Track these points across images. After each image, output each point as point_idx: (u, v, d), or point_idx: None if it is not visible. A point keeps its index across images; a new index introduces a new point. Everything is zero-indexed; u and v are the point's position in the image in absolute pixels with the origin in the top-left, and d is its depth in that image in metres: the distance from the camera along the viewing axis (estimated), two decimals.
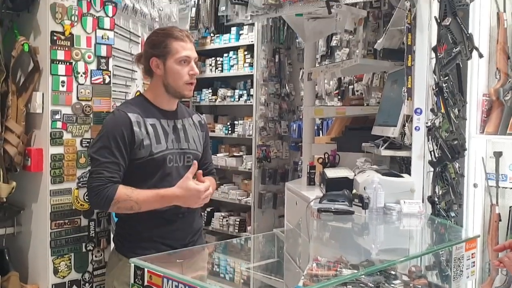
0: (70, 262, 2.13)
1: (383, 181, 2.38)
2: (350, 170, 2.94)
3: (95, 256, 2.21)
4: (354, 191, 2.50)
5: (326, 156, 3.14)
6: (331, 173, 2.85)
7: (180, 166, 2.05)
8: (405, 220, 2.36)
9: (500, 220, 3.28)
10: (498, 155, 3.31)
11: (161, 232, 2.01)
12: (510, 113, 3.17)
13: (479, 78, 3.32)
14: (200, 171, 2.03)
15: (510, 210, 3.24)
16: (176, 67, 2.00)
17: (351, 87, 4.18)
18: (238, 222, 4.75)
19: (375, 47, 2.67)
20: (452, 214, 2.60)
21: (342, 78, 4.22)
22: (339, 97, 4.23)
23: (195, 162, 2.02)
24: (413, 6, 2.42)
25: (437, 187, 2.64)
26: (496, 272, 2.73)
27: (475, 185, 3.19)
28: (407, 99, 2.46)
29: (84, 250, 2.18)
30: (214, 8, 3.31)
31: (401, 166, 3.00)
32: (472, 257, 1.94)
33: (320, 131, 4.28)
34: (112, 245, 2.15)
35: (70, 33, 2.09)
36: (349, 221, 2.38)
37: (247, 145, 4.85)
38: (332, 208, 2.39)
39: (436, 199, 2.53)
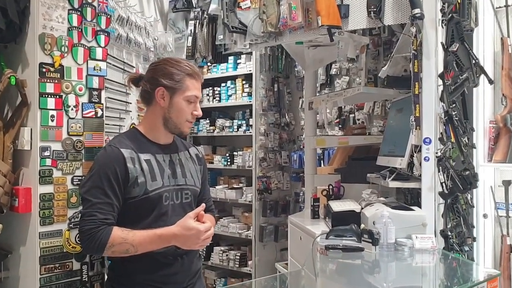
0: None
1: (393, 215, 2.26)
2: (356, 203, 2.81)
3: None
4: (362, 225, 2.36)
5: (330, 188, 3.01)
6: (336, 206, 2.72)
7: (177, 203, 1.93)
8: (418, 257, 2.22)
9: (511, 251, 3.15)
10: (507, 183, 3.20)
11: (157, 276, 1.87)
12: None
13: (485, 105, 3.24)
14: (202, 209, 1.88)
15: None
16: (183, 104, 1.90)
17: (352, 115, 4.09)
18: (238, 257, 4.58)
19: (379, 75, 2.58)
20: (466, 248, 2.47)
21: (343, 106, 4.13)
22: (340, 126, 4.13)
23: (204, 204, 1.89)
24: (419, 32, 2.33)
25: (448, 219, 2.52)
26: None
27: (485, 216, 3.07)
28: (415, 129, 2.35)
29: None
30: (211, 36, 3.23)
31: (407, 197, 2.88)
32: None
33: (322, 161, 4.16)
34: None
35: (60, 65, 1.98)
36: (358, 258, 2.25)
37: (246, 176, 4.71)
38: (341, 245, 2.26)
39: (449, 233, 2.39)
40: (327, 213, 2.90)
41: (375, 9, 2.39)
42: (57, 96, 1.98)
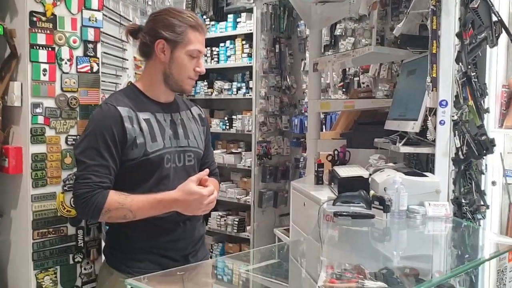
0: (56, 277, 1.87)
1: (406, 181, 2.14)
2: (363, 168, 2.70)
3: (84, 269, 1.95)
4: (372, 192, 2.25)
5: (335, 153, 2.89)
6: (343, 171, 2.61)
7: (180, 166, 1.80)
8: (431, 225, 2.12)
9: None
10: None
11: (158, 242, 1.76)
12: None
13: (498, 68, 3.10)
14: (205, 174, 1.74)
15: None
16: (184, 58, 1.75)
17: (356, 79, 3.94)
18: (237, 222, 4.50)
19: (394, 32, 2.42)
20: (479, 216, 2.38)
21: (347, 69, 3.97)
22: (344, 89, 3.98)
23: (207, 170, 1.76)
24: None
25: (460, 186, 2.42)
26: None
27: (493, 183, 2.96)
28: (432, 90, 2.22)
29: (71, 262, 1.91)
30: None
31: (412, 164, 2.77)
32: None
33: (324, 126, 4.02)
34: (103, 256, 1.89)
35: (52, 14, 1.81)
36: (368, 226, 2.14)
37: (246, 141, 4.59)
38: (350, 211, 2.15)
39: (463, 201, 2.29)
40: (332, 179, 2.79)
41: None
42: (50, 48, 1.81)
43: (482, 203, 2.41)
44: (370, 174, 2.48)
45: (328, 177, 2.87)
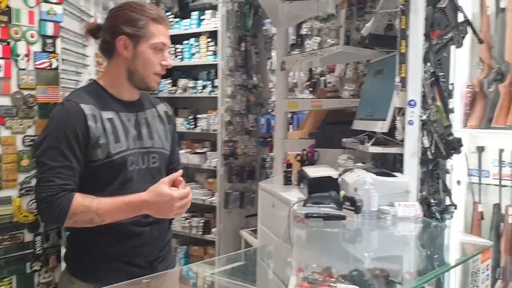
0: (12, 287, 1.75)
1: (376, 182, 2.13)
2: (332, 168, 2.68)
3: (43, 278, 1.84)
4: (342, 192, 2.23)
5: (304, 153, 2.86)
6: (312, 171, 2.57)
7: (144, 169, 1.71)
8: (401, 225, 2.11)
9: (482, 219, 3.12)
10: (480, 150, 3.14)
11: (123, 248, 1.67)
12: (494, 105, 3.00)
13: (461, 69, 3.14)
14: (179, 175, 1.65)
15: (493, 208, 3.09)
16: (149, 53, 1.67)
17: (322, 78, 3.92)
18: (202, 224, 4.41)
19: (362, 31, 2.41)
20: (447, 216, 2.39)
21: (313, 69, 3.96)
22: (311, 89, 3.96)
23: (181, 171, 1.68)
24: None
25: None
26: None
27: (458, 182, 3.01)
28: (401, 90, 2.21)
29: (28, 271, 1.80)
30: None
31: (378, 163, 2.76)
32: (487, 269, 1.71)
33: (290, 126, 3.99)
34: (64, 264, 1.79)
35: (7, 6, 1.69)
36: (338, 227, 2.11)
37: (211, 140, 4.51)
38: (322, 213, 2.11)
39: (432, 201, 2.30)
40: (301, 179, 2.75)
41: None
42: (4, 43, 1.70)
43: (450, 203, 2.42)
44: (340, 174, 2.46)
45: (296, 177, 2.83)
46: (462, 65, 3.12)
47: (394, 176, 2.24)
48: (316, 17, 3.82)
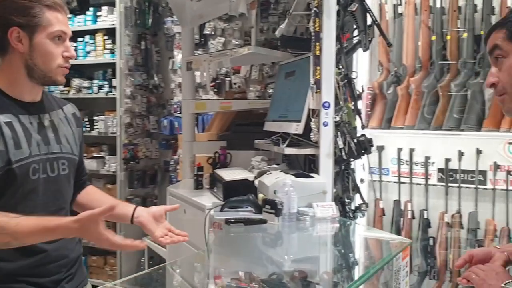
0: None
1: (296, 183, 2.13)
2: (246, 171, 2.64)
3: None
4: (260, 195, 2.20)
5: (216, 156, 2.80)
6: (226, 174, 2.52)
7: (52, 177, 1.53)
8: (319, 226, 2.13)
9: (384, 215, 3.29)
10: (380, 149, 3.31)
11: (24, 267, 1.47)
12: (393, 107, 3.18)
13: (363, 71, 3.28)
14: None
15: (393, 204, 3.26)
16: (48, 44, 1.47)
17: (228, 79, 3.88)
18: None
19: (276, 33, 2.40)
20: (360, 214, 2.47)
21: (218, 69, 3.90)
22: (216, 90, 3.90)
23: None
24: None
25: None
26: None
27: (361, 181, 3.13)
28: (316, 92, 2.23)
29: None
30: None
31: (290, 164, 2.79)
32: (406, 266, 1.77)
33: (196, 127, 3.90)
34: None
35: None
36: (258, 231, 2.08)
37: (109, 144, 4.26)
38: (243, 217, 2.07)
39: (346, 200, 2.35)
40: (213, 182, 2.69)
41: None
42: None
43: (361, 201, 2.50)
44: (255, 177, 2.43)
45: (208, 181, 2.76)
46: (362, 68, 3.27)
47: (311, 177, 2.26)
48: (219, 17, 3.77)
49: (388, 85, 3.19)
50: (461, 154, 2.99)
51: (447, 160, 3.05)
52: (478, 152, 2.95)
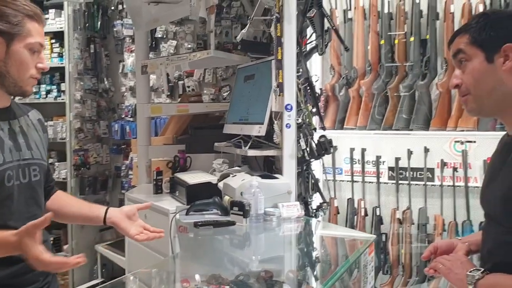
0: None
1: (262, 185, 2.17)
2: (208, 174, 2.66)
3: None
4: (226, 197, 2.22)
5: (176, 160, 2.79)
6: (189, 178, 2.52)
7: (24, 183, 1.50)
8: (286, 225, 2.18)
9: (338, 213, 3.39)
10: (334, 149, 3.41)
11: (6, 276, 1.45)
12: (345, 108, 3.29)
13: (316, 74, 3.37)
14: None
15: (347, 202, 3.37)
16: (24, 53, 1.45)
17: (181, 83, 3.87)
18: (51, 241, 4.02)
19: (237, 38, 2.43)
20: (321, 213, 2.54)
21: (172, 73, 3.88)
22: (169, 93, 3.88)
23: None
24: None
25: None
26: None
27: (317, 180, 3.21)
28: (279, 95, 2.28)
29: None
30: None
31: (250, 166, 2.83)
32: (372, 261, 1.85)
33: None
34: None
35: None
36: (227, 233, 2.10)
37: (59, 150, 4.12)
38: (211, 220, 2.08)
39: (309, 199, 2.42)
40: (174, 186, 2.68)
41: None
42: None
43: (322, 200, 2.58)
44: (219, 179, 2.45)
45: (168, 185, 2.75)
46: (316, 71, 3.36)
47: (276, 178, 2.31)
48: (171, 21, 3.76)
49: (340, 87, 3.29)
50: (410, 152, 3.13)
51: (397, 159, 3.19)
52: (426, 150, 3.10)
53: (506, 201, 1.27)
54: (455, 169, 3.04)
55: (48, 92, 4.07)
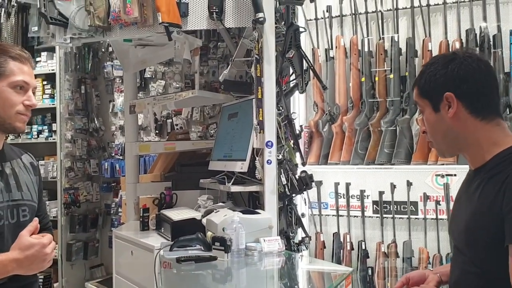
0: None
1: (243, 220, 2.22)
2: (193, 210, 2.71)
3: None
4: (209, 233, 2.27)
5: (162, 197, 2.84)
6: (174, 214, 2.57)
7: (13, 223, 1.57)
8: (267, 260, 2.22)
9: (325, 247, 3.42)
10: (319, 184, 3.48)
11: None
12: (329, 144, 3.37)
13: (300, 111, 3.47)
14: (36, 224, 1.55)
15: (333, 236, 3.41)
16: (8, 91, 1.55)
17: (169, 121, 3.96)
18: (41, 280, 4.01)
19: (220, 78, 2.53)
20: (303, 247, 2.58)
21: (160, 112, 3.97)
22: (157, 131, 3.96)
23: (36, 218, 1.57)
24: (260, 37, 2.35)
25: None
26: None
27: (302, 215, 3.26)
28: (260, 132, 2.36)
29: None
30: (21, 27, 2.75)
31: (234, 201, 2.88)
32: None
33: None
34: None
35: None
36: (209, 268, 2.14)
37: (50, 189, 4.16)
38: (193, 256, 2.12)
39: (291, 234, 2.47)
40: (160, 223, 2.72)
41: (216, 10, 2.34)
42: None
43: (304, 235, 2.62)
44: (203, 215, 2.50)
45: (154, 221, 2.79)
46: (299, 108, 3.46)
47: (258, 213, 2.36)
48: (160, 62, 3.88)
49: (323, 123, 3.38)
50: (393, 186, 3.20)
51: (381, 193, 3.25)
52: (409, 184, 3.17)
53: (466, 231, 1.33)
54: (437, 202, 3.10)
55: (39, 132, 4.15)
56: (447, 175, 3.05)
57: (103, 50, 4.25)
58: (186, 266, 2.10)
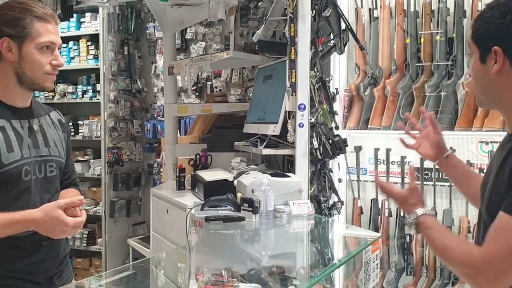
0: None
1: (272, 182, 2.20)
2: (226, 171, 2.72)
3: None
4: (239, 194, 2.27)
5: (197, 157, 2.87)
6: (207, 175, 2.59)
7: (40, 178, 1.62)
8: (296, 223, 2.21)
9: (362, 213, 3.37)
10: (358, 149, 3.39)
11: (20, 265, 1.57)
12: (370, 108, 3.26)
13: (340, 74, 3.37)
14: (78, 201, 1.54)
15: (371, 203, 3.35)
16: (36, 54, 1.56)
17: (209, 83, 3.95)
18: (86, 235, 4.21)
19: (253, 38, 2.48)
20: (335, 212, 2.55)
21: (199, 74, 3.97)
22: (197, 94, 3.97)
23: (82, 197, 1.57)
24: None
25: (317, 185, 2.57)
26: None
27: (339, 180, 3.22)
28: (292, 95, 2.31)
29: None
30: None
31: (269, 165, 2.86)
32: (376, 259, 1.86)
33: (178, 131, 3.96)
34: None
35: None
36: (238, 228, 2.15)
37: (94, 148, 4.31)
38: (221, 215, 2.14)
39: (322, 198, 2.44)
40: (195, 183, 2.75)
41: None
42: None
43: (337, 199, 2.59)
44: (235, 177, 2.50)
45: (190, 182, 2.83)
46: (340, 70, 3.36)
47: (288, 176, 2.34)
48: (200, 23, 3.85)
49: (365, 87, 3.27)
50: None
51: (422, 160, 3.14)
52: (452, 151, 3.04)
53: (489, 196, 1.27)
54: (481, 170, 2.97)
55: (84, 92, 4.26)
56: (492, 142, 2.90)
57: (145, 11, 4.26)
58: (215, 225, 2.12)
